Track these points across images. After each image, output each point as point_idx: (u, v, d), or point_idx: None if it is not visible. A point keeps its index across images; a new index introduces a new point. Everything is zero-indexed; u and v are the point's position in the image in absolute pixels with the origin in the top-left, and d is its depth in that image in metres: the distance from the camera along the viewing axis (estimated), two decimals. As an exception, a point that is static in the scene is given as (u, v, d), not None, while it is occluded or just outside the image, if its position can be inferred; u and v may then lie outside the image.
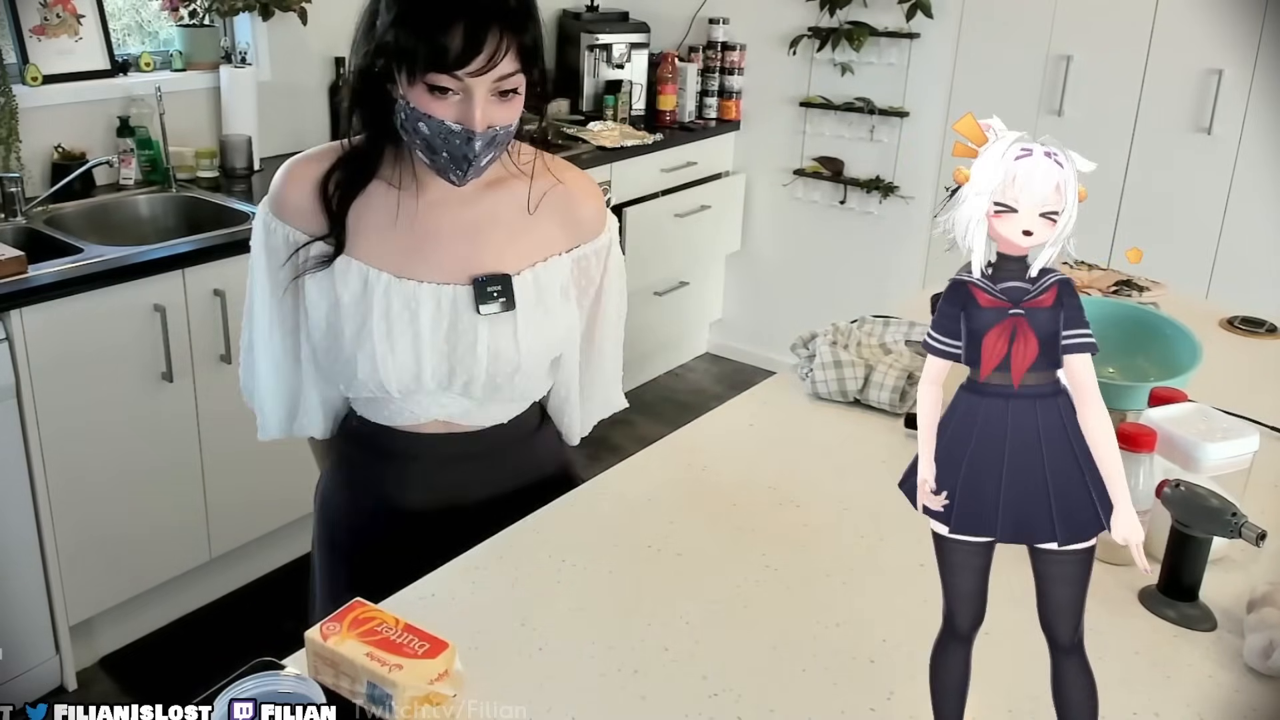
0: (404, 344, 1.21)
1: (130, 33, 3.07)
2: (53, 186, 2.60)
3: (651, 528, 1.25)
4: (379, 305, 1.20)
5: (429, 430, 1.29)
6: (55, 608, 2.25)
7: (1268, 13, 2.86)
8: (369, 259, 1.22)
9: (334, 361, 1.25)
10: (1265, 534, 1.06)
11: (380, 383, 1.22)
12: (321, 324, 1.24)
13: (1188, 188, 3.08)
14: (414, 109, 1.12)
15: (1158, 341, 1.48)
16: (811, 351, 1.61)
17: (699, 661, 1.02)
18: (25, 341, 2.07)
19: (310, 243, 1.22)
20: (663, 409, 3.78)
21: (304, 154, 1.27)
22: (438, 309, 1.21)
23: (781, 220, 3.94)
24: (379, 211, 1.23)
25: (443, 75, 1.09)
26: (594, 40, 3.76)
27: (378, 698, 0.90)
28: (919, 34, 3.44)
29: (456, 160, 1.14)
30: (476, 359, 1.22)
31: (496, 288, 1.22)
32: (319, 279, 1.23)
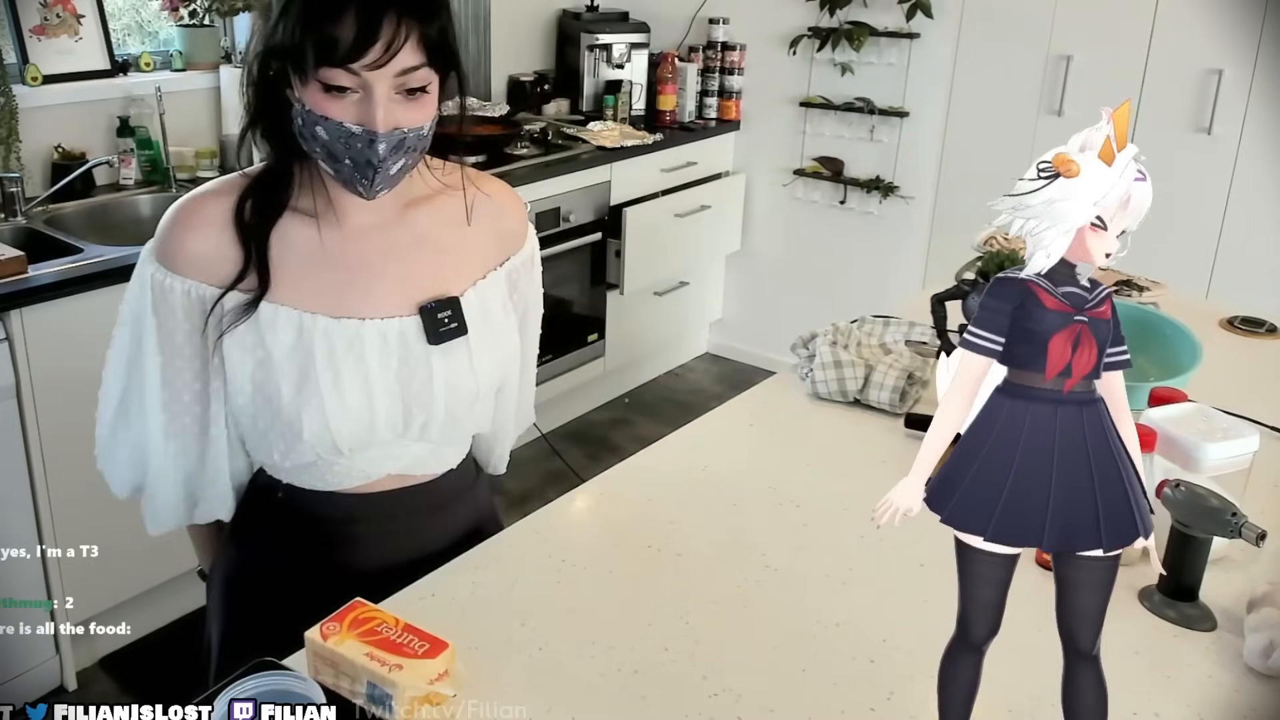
0: (354, 392, 1.08)
1: (130, 33, 3.07)
2: (53, 186, 2.60)
3: (651, 528, 1.25)
4: (320, 353, 1.07)
5: (381, 488, 1.16)
6: (55, 608, 2.25)
7: (1268, 13, 2.86)
8: (298, 302, 1.07)
9: (268, 427, 1.10)
10: (1265, 534, 1.06)
11: (332, 441, 1.09)
12: (247, 387, 1.08)
13: (1188, 188, 3.07)
14: (310, 111, 1.00)
15: (1158, 341, 1.48)
16: (811, 351, 1.61)
17: (699, 661, 1.02)
18: (25, 341, 2.07)
19: (224, 294, 1.06)
20: (663, 409, 3.78)
21: (195, 193, 1.11)
22: (385, 346, 1.09)
23: (781, 220, 3.94)
24: (298, 246, 1.09)
25: (336, 70, 0.97)
26: (594, 40, 3.76)
27: (378, 698, 0.90)
28: (919, 34, 3.44)
29: (360, 167, 1.02)
30: (434, 395, 1.11)
31: (447, 313, 1.11)
32: (239, 335, 1.07)
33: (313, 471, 1.14)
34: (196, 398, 1.11)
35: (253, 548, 1.21)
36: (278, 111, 1.05)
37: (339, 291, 1.09)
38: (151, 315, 1.08)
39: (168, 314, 1.08)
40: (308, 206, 1.10)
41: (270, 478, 1.17)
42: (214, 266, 1.07)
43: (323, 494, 1.15)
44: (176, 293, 1.08)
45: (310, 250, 1.09)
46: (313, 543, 1.17)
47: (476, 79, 3.66)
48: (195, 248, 1.07)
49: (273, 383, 1.07)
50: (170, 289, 1.08)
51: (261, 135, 1.08)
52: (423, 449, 1.16)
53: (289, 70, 1.01)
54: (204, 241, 1.07)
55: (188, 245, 1.07)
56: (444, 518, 1.22)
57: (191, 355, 1.10)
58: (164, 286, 1.08)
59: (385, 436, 1.12)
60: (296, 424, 1.08)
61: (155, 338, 1.09)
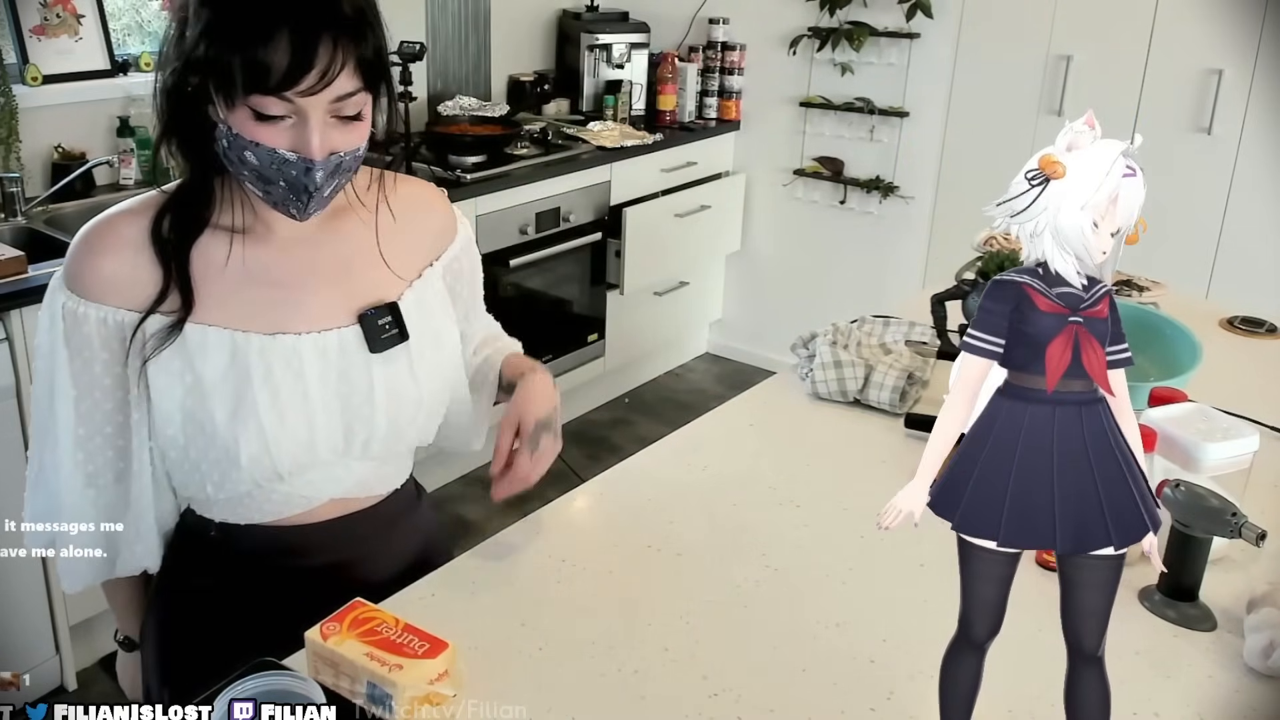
0: (293, 410, 1.03)
1: (130, 33, 3.07)
2: (53, 186, 2.60)
3: (651, 528, 1.25)
4: (256, 372, 1.01)
5: (323, 516, 1.11)
6: (55, 608, 2.25)
7: (1268, 13, 2.86)
8: (228, 321, 1.02)
9: (200, 457, 1.03)
10: (1265, 534, 1.06)
11: (271, 465, 1.03)
12: (176, 415, 1.02)
13: (1188, 188, 3.08)
14: (238, 136, 0.95)
15: (1158, 341, 1.48)
16: (811, 351, 1.61)
17: (699, 661, 1.02)
18: (25, 341, 2.07)
19: (144, 318, 1.00)
20: (663, 409, 3.78)
21: (106, 215, 1.04)
22: (324, 361, 1.04)
23: (781, 220, 3.94)
24: (223, 264, 1.03)
25: (269, 98, 0.92)
26: (594, 40, 3.76)
27: (378, 698, 0.90)
28: (919, 34, 3.44)
29: (296, 191, 0.97)
30: (375, 407, 1.07)
31: (387, 319, 1.07)
32: (164, 361, 1.00)
33: (249, 503, 1.08)
34: (119, 431, 1.04)
35: (185, 598, 1.13)
36: (195, 126, 0.99)
37: (271, 307, 1.04)
38: (64, 348, 1.02)
39: (82, 344, 1.02)
40: (230, 222, 1.04)
41: (200, 517, 1.10)
42: (131, 290, 1.01)
43: (260, 528, 1.09)
44: (91, 321, 1.01)
45: (236, 267, 1.03)
46: (251, 584, 1.11)
47: (476, 79, 3.66)
48: (109, 271, 1.01)
49: (205, 409, 1.01)
50: (84, 318, 1.01)
51: (176, 149, 1.02)
52: (365, 469, 1.11)
53: (211, 91, 0.94)
54: (119, 264, 1.01)
55: (102, 269, 1.00)
56: (389, 544, 1.17)
57: (112, 386, 1.03)
58: (76, 315, 1.01)
59: (326, 457, 1.07)
60: (233, 449, 1.02)
61: (68, 371, 1.02)
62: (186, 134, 1.00)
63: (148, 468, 1.05)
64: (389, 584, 1.12)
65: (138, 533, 1.08)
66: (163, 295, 1.01)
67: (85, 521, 1.06)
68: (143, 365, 1.01)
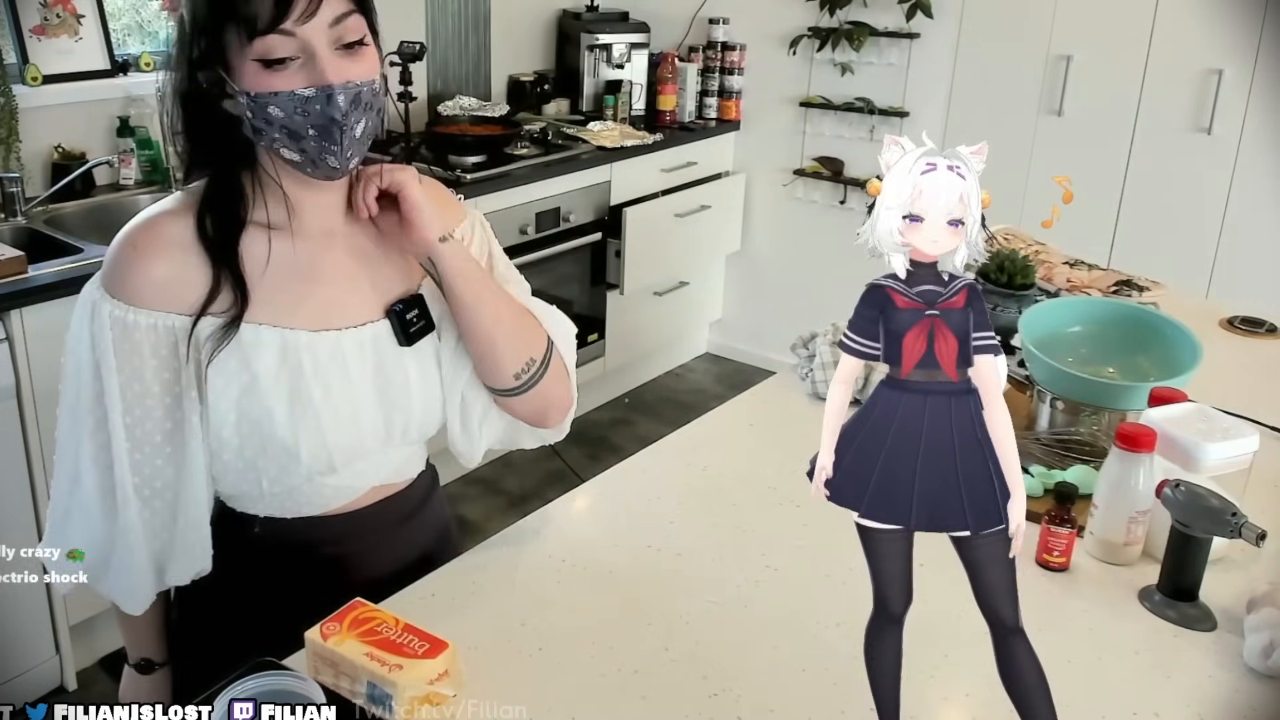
0: (342, 405, 1.05)
1: (130, 33, 3.07)
2: (53, 186, 2.60)
3: (651, 528, 1.25)
4: (308, 368, 1.03)
5: (363, 503, 1.13)
6: (55, 608, 2.25)
7: (1268, 13, 2.86)
8: (277, 319, 1.03)
9: (256, 454, 1.04)
10: (1265, 534, 1.06)
11: (328, 457, 1.05)
12: (231, 415, 1.02)
13: (1188, 188, 3.08)
14: (256, 97, 0.96)
15: (1158, 341, 1.48)
16: (811, 351, 1.61)
17: (699, 661, 1.02)
18: (25, 341, 2.07)
19: (197, 320, 1.00)
20: (663, 409, 3.78)
21: (146, 217, 1.03)
22: (361, 355, 1.07)
23: (781, 220, 3.94)
24: (264, 261, 1.04)
25: (271, 40, 0.93)
26: (594, 40, 3.76)
27: (378, 698, 0.90)
28: (919, 34, 3.44)
29: (326, 133, 0.97)
30: (410, 396, 1.09)
31: (414, 312, 1.09)
32: (221, 362, 1.00)
33: (298, 496, 1.09)
34: (167, 438, 1.03)
35: (224, 597, 1.12)
36: (216, 123, 1.00)
37: (313, 304, 1.05)
38: (113, 358, 0.99)
39: (131, 353, 1.00)
40: (263, 219, 1.04)
41: (240, 515, 1.10)
42: (182, 292, 1.00)
43: (303, 520, 1.10)
44: (141, 328, 1.00)
45: (275, 263, 1.04)
46: (293, 575, 1.12)
47: (476, 79, 3.66)
48: (160, 275, 1.00)
49: (262, 406, 1.02)
50: (134, 325, 0.99)
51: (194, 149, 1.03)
52: (401, 454, 1.15)
53: (220, 71, 0.97)
54: (169, 266, 1.00)
55: (153, 273, 0.99)
56: (414, 526, 1.20)
57: (160, 393, 1.01)
58: (125, 324, 0.99)
59: (372, 446, 1.09)
60: (293, 445, 1.03)
61: (117, 382, 1.00)
62: (207, 133, 1.01)
63: (202, 471, 1.04)
64: (420, 563, 1.18)
65: (197, 537, 1.06)
66: (213, 295, 1.00)
67: (138, 541, 1.04)
68: (204, 367, 1.00)
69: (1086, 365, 1.47)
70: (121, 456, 1.01)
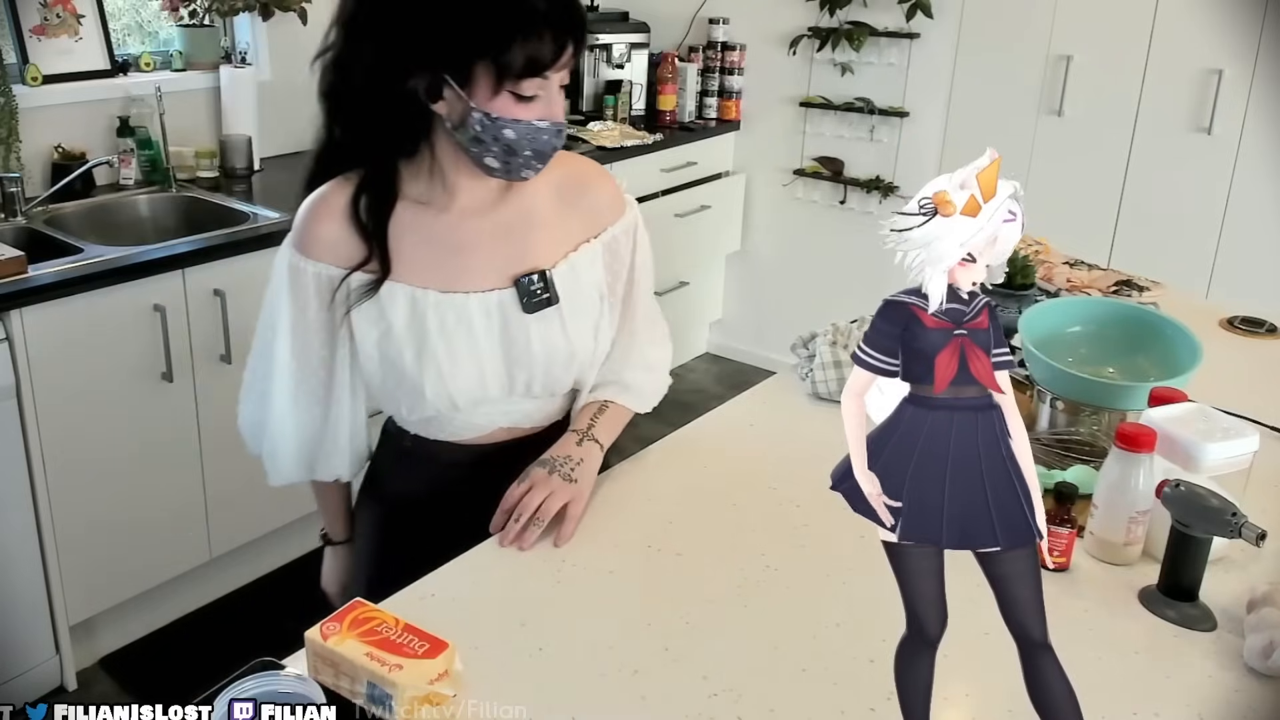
0: (465, 358, 1.23)
1: (130, 33, 3.07)
2: (53, 186, 2.60)
3: (651, 528, 1.25)
4: (433, 325, 1.22)
5: (495, 440, 1.32)
6: (55, 608, 2.25)
7: (1268, 13, 2.86)
8: (413, 279, 1.22)
9: (396, 386, 1.26)
10: (1265, 534, 1.06)
11: (450, 398, 1.24)
12: (374, 354, 1.24)
13: (1188, 188, 3.08)
14: (497, 119, 1.13)
15: (1158, 341, 1.48)
16: (811, 351, 1.61)
17: (699, 661, 1.02)
18: (25, 341, 2.07)
19: (349, 274, 1.22)
20: (663, 409, 3.74)
21: (325, 189, 1.24)
22: (487, 317, 1.23)
23: (781, 220, 3.94)
24: (411, 230, 1.22)
25: (534, 80, 1.13)
26: (594, 40, 3.76)
27: (378, 698, 0.90)
28: (919, 34, 3.44)
29: (541, 156, 1.18)
30: (532, 357, 1.25)
31: (539, 285, 1.25)
32: (365, 310, 1.22)
33: (434, 424, 1.30)
34: (323, 363, 1.27)
35: (389, 486, 1.39)
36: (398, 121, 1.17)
37: (447, 269, 1.23)
38: (288, 295, 1.23)
39: (300, 292, 1.23)
40: (418, 194, 1.23)
41: (399, 429, 1.35)
42: (341, 250, 1.21)
43: (444, 443, 1.32)
44: (308, 274, 1.22)
45: (422, 233, 1.23)
46: (437, 487, 1.33)
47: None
48: (326, 234, 1.21)
49: (395, 349, 1.23)
50: (304, 272, 1.22)
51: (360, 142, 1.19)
52: (529, 404, 1.31)
53: (454, 86, 1.12)
54: (333, 229, 1.21)
55: (320, 233, 1.21)
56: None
57: (319, 328, 1.24)
58: (298, 270, 1.22)
59: (495, 395, 1.27)
60: (419, 386, 1.23)
61: (289, 315, 1.24)
62: (387, 124, 1.17)
63: (346, 395, 1.28)
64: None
65: (334, 446, 1.30)
66: (366, 258, 1.21)
67: (289, 433, 1.29)
68: (347, 312, 1.23)
69: (1086, 365, 1.47)
70: (284, 374, 1.26)
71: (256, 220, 2.59)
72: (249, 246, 2.43)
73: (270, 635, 1.07)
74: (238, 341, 2.44)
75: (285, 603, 2.65)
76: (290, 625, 1.18)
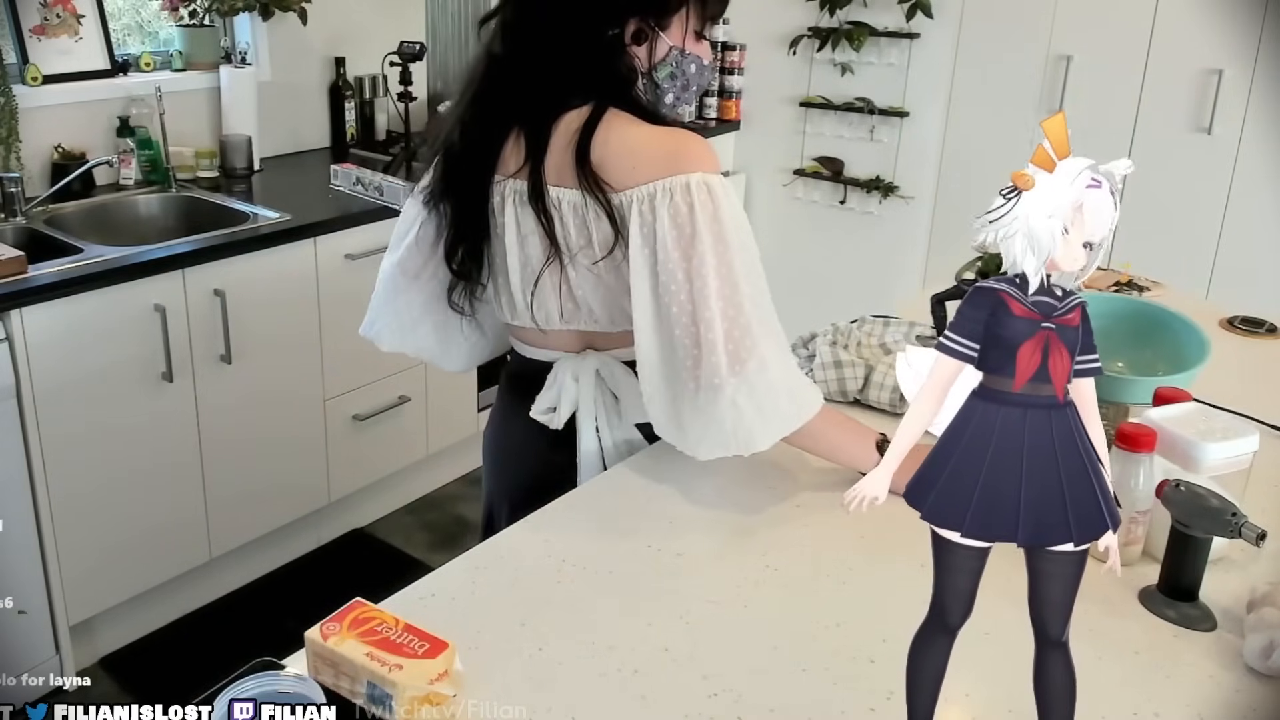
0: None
1: (130, 33, 3.07)
2: (53, 186, 2.60)
3: (651, 528, 1.25)
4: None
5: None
6: (55, 608, 2.25)
7: (1268, 13, 2.86)
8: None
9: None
10: (1265, 534, 1.06)
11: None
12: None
13: (1188, 188, 3.08)
14: (689, 54, 1.29)
15: (1166, 336, 1.49)
16: (811, 351, 1.61)
17: (699, 661, 1.02)
18: (25, 341, 2.07)
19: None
20: (663, 409, 3.77)
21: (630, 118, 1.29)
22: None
23: (781, 220, 3.94)
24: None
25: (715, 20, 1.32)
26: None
27: (378, 698, 0.90)
28: (919, 34, 3.44)
29: (702, 91, 1.34)
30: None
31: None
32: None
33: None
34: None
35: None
36: (602, 63, 1.25)
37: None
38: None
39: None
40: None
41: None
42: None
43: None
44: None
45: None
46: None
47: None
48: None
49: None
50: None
51: (571, 82, 1.25)
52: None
53: (654, 26, 1.25)
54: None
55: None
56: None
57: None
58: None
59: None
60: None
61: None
62: (594, 65, 1.24)
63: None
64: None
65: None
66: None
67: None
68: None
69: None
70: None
71: (256, 220, 2.59)
72: (249, 246, 2.43)
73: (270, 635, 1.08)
74: (238, 341, 2.44)
75: (285, 603, 2.65)
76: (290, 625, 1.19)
